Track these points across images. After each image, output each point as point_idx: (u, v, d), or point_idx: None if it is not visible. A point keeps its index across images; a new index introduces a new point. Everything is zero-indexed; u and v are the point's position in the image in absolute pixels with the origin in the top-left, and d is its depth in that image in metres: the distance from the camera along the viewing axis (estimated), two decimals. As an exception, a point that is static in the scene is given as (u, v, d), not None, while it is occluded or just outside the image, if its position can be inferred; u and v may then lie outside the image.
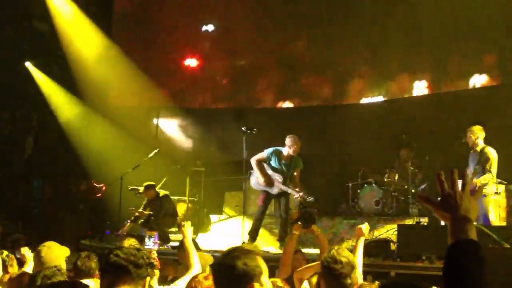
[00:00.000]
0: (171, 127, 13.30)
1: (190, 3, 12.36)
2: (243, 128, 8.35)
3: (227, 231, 10.35)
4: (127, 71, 12.29)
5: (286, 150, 7.97)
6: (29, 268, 4.47)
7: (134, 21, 12.61)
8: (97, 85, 11.91)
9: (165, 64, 12.61)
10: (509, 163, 7.70)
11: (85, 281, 3.53)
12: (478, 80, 10.52)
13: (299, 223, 4.75)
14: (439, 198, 1.85)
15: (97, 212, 11.41)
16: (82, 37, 12.04)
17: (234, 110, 12.45)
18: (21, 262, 4.94)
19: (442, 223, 8.05)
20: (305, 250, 6.98)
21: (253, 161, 8.10)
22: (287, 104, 12.49)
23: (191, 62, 12.43)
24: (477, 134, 7.49)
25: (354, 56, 11.39)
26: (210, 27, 12.36)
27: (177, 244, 7.26)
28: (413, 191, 9.45)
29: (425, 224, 8.36)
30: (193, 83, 12.62)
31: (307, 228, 4.81)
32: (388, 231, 8.25)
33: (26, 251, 4.64)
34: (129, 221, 9.26)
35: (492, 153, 7.32)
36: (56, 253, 4.06)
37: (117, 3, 12.77)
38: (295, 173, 8.00)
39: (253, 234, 8.04)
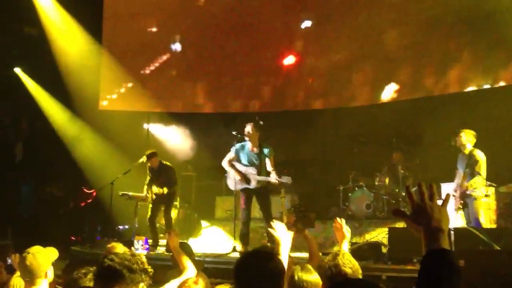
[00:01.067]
0: (162, 132, 13.28)
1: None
2: (233, 133, 8.35)
3: (218, 235, 10.34)
4: (118, 76, 12.30)
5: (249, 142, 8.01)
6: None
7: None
8: (87, 90, 11.88)
9: (262, 63, 12.53)
10: (498, 166, 7.74)
11: None
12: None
13: (298, 226, 4.73)
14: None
15: (87, 217, 11.35)
16: (72, 41, 12.01)
17: (224, 115, 12.47)
18: (12, 269, 4.90)
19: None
20: (295, 254, 6.99)
21: (224, 163, 8.17)
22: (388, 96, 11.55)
23: (288, 60, 12.38)
24: (468, 138, 7.54)
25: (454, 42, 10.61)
26: (307, 23, 12.20)
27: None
28: (403, 194, 9.48)
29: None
30: (290, 82, 12.53)
31: (300, 232, 4.80)
32: (379, 234, 8.29)
33: (16, 258, 4.60)
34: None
35: (480, 156, 7.37)
36: (42, 260, 3.99)
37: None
38: (268, 162, 7.98)
39: (245, 239, 8.00)
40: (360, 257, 6.67)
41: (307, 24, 12.24)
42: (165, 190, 9.05)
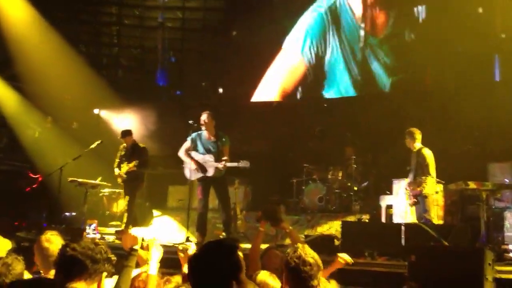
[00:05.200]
0: (113, 119, 12.99)
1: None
2: (190, 122, 8.25)
3: (170, 225, 10.23)
4: (69, 61, 11.94)
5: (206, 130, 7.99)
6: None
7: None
8: (37, 74, 11.46)
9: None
10: (448, 163, 7.97)
11: None
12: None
13: (263, 218, 4.69)
14: None
15: (33, 203, 10.98)
16: (23, 22, 11.54)
17: (179, 103, 12.31)
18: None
19: (383, 220, 8.30)
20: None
21: (180, 153, 8.09)
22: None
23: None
24: (414, 136, 7.75)
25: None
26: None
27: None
28: (355, 188, 9.64)
29: (367, 220, 8.58)
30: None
31: (276, 226, 4.78)
32: (331, 228, 8.41)
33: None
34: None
35: (428, 154, 7.56)
36: None
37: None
38: (224, 151, 7.92)
39: (202, 230, 7.93)
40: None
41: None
42: (135, 165, 8.65)
